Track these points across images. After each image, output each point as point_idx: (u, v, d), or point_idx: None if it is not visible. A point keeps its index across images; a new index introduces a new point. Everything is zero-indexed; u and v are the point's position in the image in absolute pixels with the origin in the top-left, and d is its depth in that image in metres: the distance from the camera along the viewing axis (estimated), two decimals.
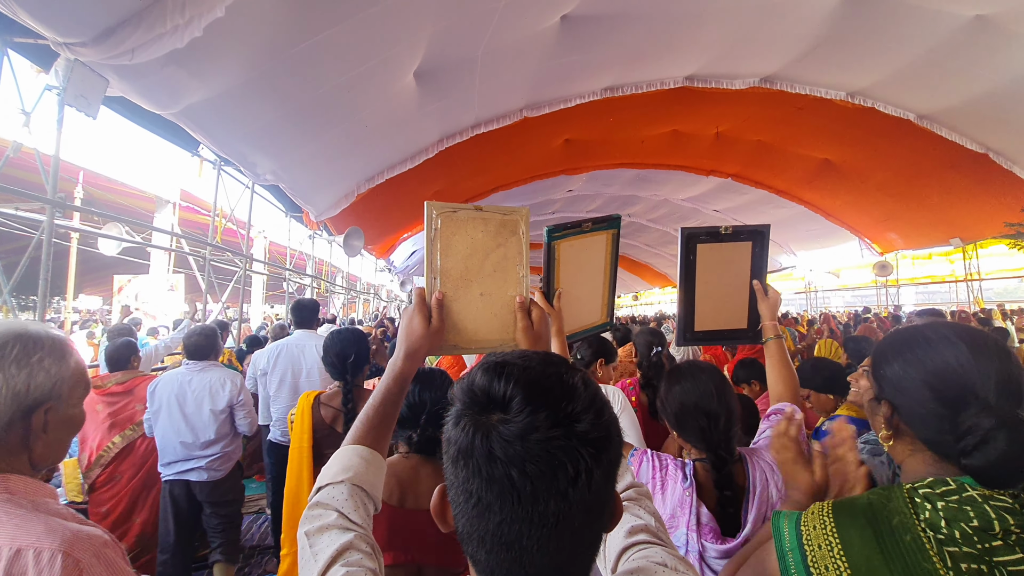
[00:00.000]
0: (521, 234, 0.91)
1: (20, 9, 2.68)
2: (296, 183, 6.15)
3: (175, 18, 2.96)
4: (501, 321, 0.90)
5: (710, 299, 1.36)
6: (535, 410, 0.48)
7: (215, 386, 2.77)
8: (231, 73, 3.84)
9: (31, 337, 0.81)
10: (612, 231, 1.15)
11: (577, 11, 5.03)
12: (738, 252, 1.34)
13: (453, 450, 0.51)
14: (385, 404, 0.83)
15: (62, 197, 3.40)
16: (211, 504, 2.78)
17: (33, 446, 0.81)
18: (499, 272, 0.90)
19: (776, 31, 5.86)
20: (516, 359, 0.55)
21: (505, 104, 6.80)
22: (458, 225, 0.88)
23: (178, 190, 7.12)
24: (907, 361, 0.81)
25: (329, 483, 0.75)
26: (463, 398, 0.54)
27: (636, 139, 9.15)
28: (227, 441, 2.81)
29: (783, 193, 11.24)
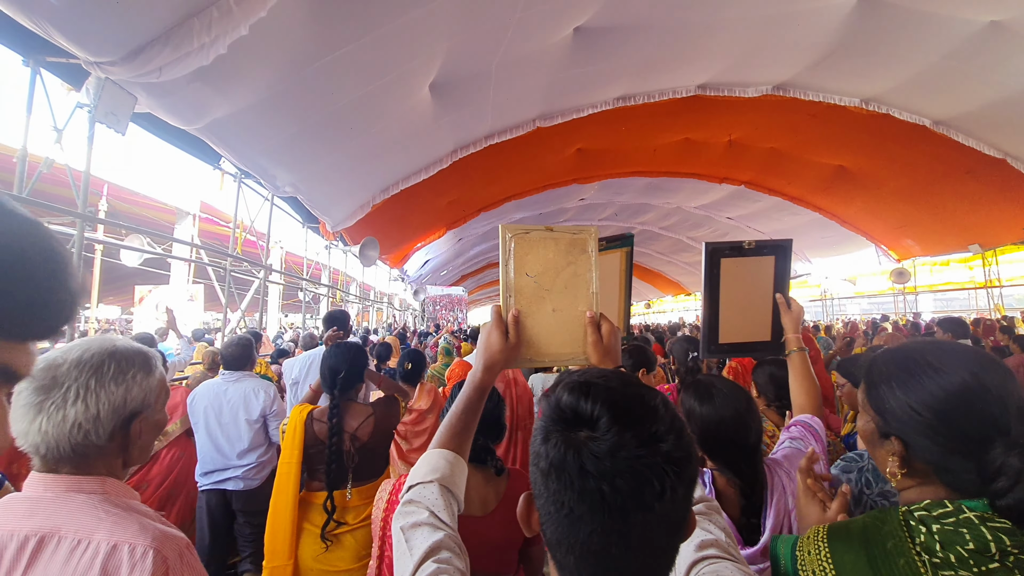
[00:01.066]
0: (590, 252, 0.94)
1: (54, 30, 2.78)
2: (314, 195, 6.25)
3: (202, 37, 3.05)
4: (572, 336, 0.95)
5: (734, 312, 1.38)
6: (622, 430, 0.52)
7: (249, 396, 2.81)
8: (253, 89, 3.94)
9: (123, 355, 0.87)
10: (626, 249, 1.19)
11: (590, 23, 5.09)
12: (761, 266, 1.37)
13: (544, 464, 0.54)
14: (466, 412, 0.89)
15: (91, 211, 3.50)
16: (245, 513, 2.80)
17: (129, 452, 0.89)
18: (570, 289, 0.94)
19: (789, 39, 5.87)
20: (597, 379, 0.58)
21: (519, 115, 6.88)
22: (531, 245, 0.93)
23: (198, 202, 7.27)
24: (912, 391, 0.75)
25: (420, 482, 0.80)
26: (551, 415, 0.57)
27: (648, 148, 9.18)
28: (262, 451, 2.83)
29: (797, 200, 11.18)
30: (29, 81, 3.28)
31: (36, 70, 3.28)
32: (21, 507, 0.79)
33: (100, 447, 0.84)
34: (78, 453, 0.82)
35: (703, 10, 5.17)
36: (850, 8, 5.21)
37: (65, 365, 0.82)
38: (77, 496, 0.81)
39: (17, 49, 3.23)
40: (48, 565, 0.75)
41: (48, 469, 0.82)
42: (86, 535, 0.77)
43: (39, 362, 0.82)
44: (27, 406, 0.80)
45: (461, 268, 18.44)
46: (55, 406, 0.80)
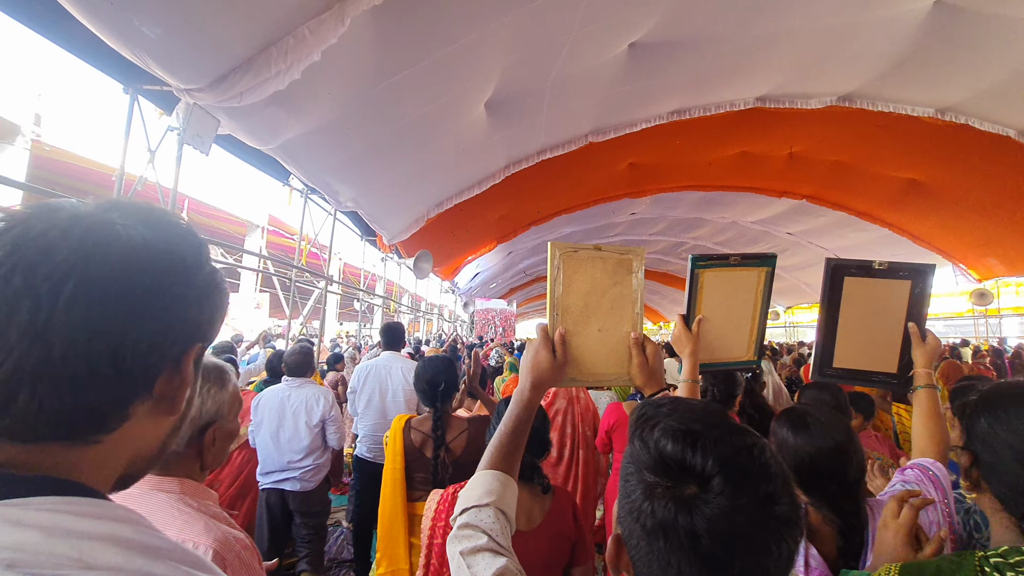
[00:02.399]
0: (635, 272, 0.95)
1: (151, 60, 3.07)
2: (372, 209, 6.51)
3: (278, 63, 3.28)
4: (617, 356, 0.94)
5: (854, 336, 1.30)
6: (737, 492, 0.50)
7: (310, 401, 2.95)
8: (323, 111, 4.17)
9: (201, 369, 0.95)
10: (766, 269, 1.14)
11: (645, 39, 5.08)
12: (894, 290, 1.27)
13: (650, 522, 0.52)
14: (515, 432, 0.88)
15: None
16: (302, 514, 2.93)
17: (204, 456, 0.98)
18: (616, 309, 0.94)
19: (855, 49, 5.63)
20: (699, 425, 0.56)
21: (571, 130, 6.92)
22: (579, 264, 0.93)
23: (267, 215, 7.72)
24: (997, 417, 0.78)
25: (475, 505, 0.79)
26: (652, 464, 0.55)
27: (703, 161, 8.98)
28: (318, 454, 2.97)
29: (864, 215, 10.58)
30: (128, 107, 3.62)
31: (134, 97, 3.61)
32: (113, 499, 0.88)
33: (179, 453, 0.92)
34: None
35: (764, 22, 5.05)
36: (923, 15, 4.95)
37: None
38: (158, 494, 0.90)
39: (118, 78, 3.57)
40: None
41: None
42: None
43: None
44: None
45: (510, 281, 18.56)
46: None
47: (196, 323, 0.48)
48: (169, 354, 0.46)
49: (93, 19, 2.67)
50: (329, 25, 3.21)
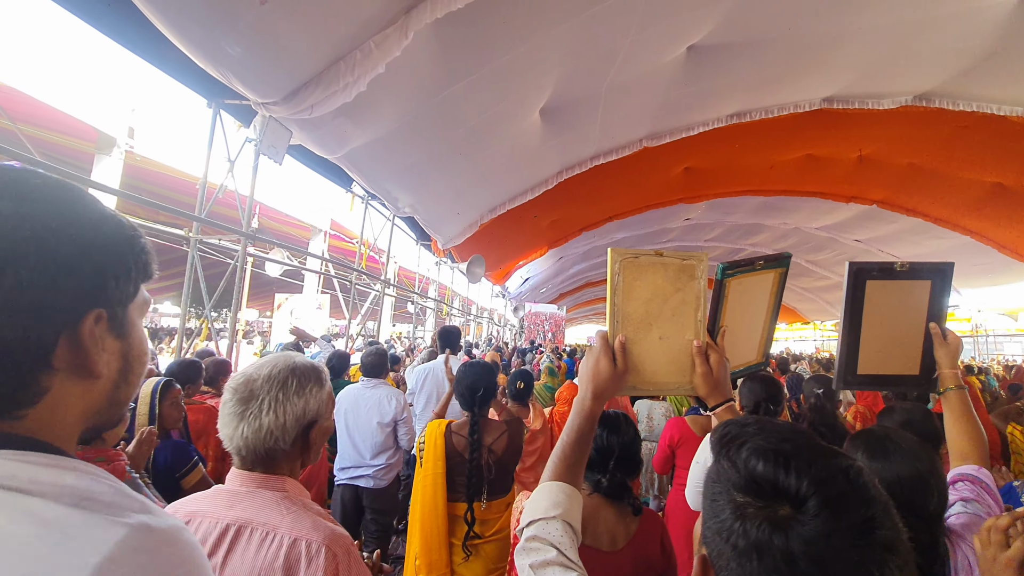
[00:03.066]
0: (699, 279, 0.93)
1: (233, 77, 3.31)
2: (429, 215, 6.70)
3: (346, 77, 3.45)
4: (679, 365, 0.92)
5: (878, 341, 1.26)
6: (835, 515, 0.49)
7: (383, 402, 3.07)
8: (386, 121, 4.35)
9: (301, 371, 1.01)
10: (781, 270, 1.11)
11: (705, 41, 4.97)
12: (914, 291, 1.24)
13: (742, 543, 0.52)
14: (578, 442, 0.88)
15: (253, 230, 4.05)
16: (373, 511, 3.04)
17: (307, 455, 1.03)
18: (678, 316, 0.92)
19: (934, 45, 5.28)
20: (789, 446, 0.55)
21: (625, 135, 6.85)
22: (640, 270, 0.92)
23: (329, 220, 8.10)
24: None
25: (542, 518, 0.79)
26: (740, 484, 0.55)
27: (764, 165, 8.64)
28: (390, 453, 3.08)
29: (941, 221, 9.83)
30: (211, 120, 3.91)
31: (217, 111, 3.90)
32: (225, 498, 0.94)
33: (285, 451, 0.97)
34: (269, 456, 0.95)
35: (833, 20, 4.83)
36: (1012, 7, 4.58)
37: (259, 380, 0.97)
38: (265, 492, 0.94)
39: (203, 93, 3.88)
40: (245, 550, 0.88)
41: (245, 467, 0.97)
42: (272, 528, 0.89)
43: (239, 376, 0.99)
44: (232, 415, 0.95)
45: (560, 286, 18.52)
46: (253, 415, 0.94)
47: (78, 290, 0.47)
48: (52, 328, 0.46)
49: (184, 40, 2.92)
50: (394, 39, 3.35)
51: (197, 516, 0.92)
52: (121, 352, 0.54)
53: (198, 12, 2.78)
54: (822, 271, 14.60)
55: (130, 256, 0.53)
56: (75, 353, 0.48)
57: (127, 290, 0.53)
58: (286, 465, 0.99)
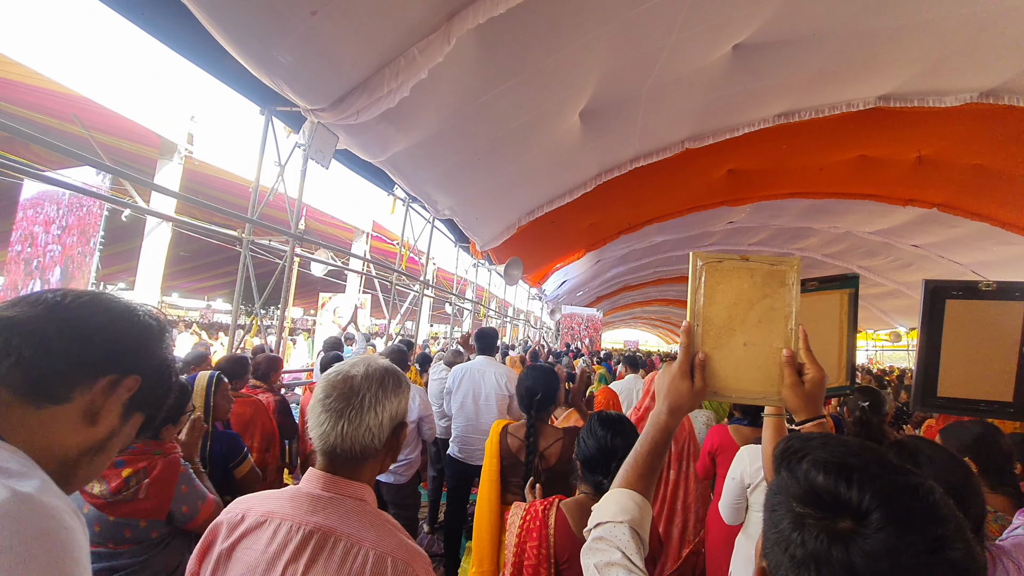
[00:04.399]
0: (791, 285, 0.89)
1: (285, 85, 3.46)
2: (468, 217, 6.78)
3: (390, 83, 3.54)
4: (765, 373, 0.90)
5: (960, 363, 1.20)
6: (902, 531, 0.48)
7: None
8: (427, 125, 4.44)
9: (393, 373, 1.01)
10: (848, 291, 1.07)
11: (751, 39, 4.84)
12: (1004, 312, 1.17)
13: (800, 552, 0.51)
14: (652, 454, 0.88)
15: (301, 232, 4.21)
16: (395, 506, 3.12)
17: (390, 456, 1.01)
18: (765, 323, 0.90)
19: (1001, 40, 4.95)
20: (854, 459, 0.55)
21: (667, 137, 6.74)
22: (723, 274, 0.91)
23: (371, 222, 8.32)
24: None
25: (610, 521, 0.80)
26: (801, 495, 0.54)
27: (813, 167, 8.32)
28: (410, 449, 3.16)
29: (1010, 226, 9.19)
30: (263, 126, 4.10)
31: (269, 117, 4.08)
32: (307, 502, 0.91)
33: (376, 451, 0.95)
34: (363, 455, 0.94)
35: (892, 14, 4.61)
36: None
37: (359, 377, 0.96)
38: (348, 500, 0.91)
39: (256, 101, 4.06)
40: (328, 561, 0.85)
41: (328, 468, 0.94)
42: (357, 540, 0.87)
43: (334, 374, 0.98)
44: (331, 411, 0.93)
45: (597, 290, 18.35)
46: (355, 412, 0.92)
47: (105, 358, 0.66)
48: (84, 372, 0.64)
49: (240, 50, 3.07)
50: (436, 45, 3.42)
51: (275, 517, 0.89)
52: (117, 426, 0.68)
53: (253, 24, 2.92)
54: (876, 277, 13.91)
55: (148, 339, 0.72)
56: (84, 397, 0.64)
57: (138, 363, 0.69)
58: (370, 470, 0.97)
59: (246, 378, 2.85)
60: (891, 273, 13.53)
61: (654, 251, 13.31)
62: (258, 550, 0.87)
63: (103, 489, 1.49)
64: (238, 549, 0.88)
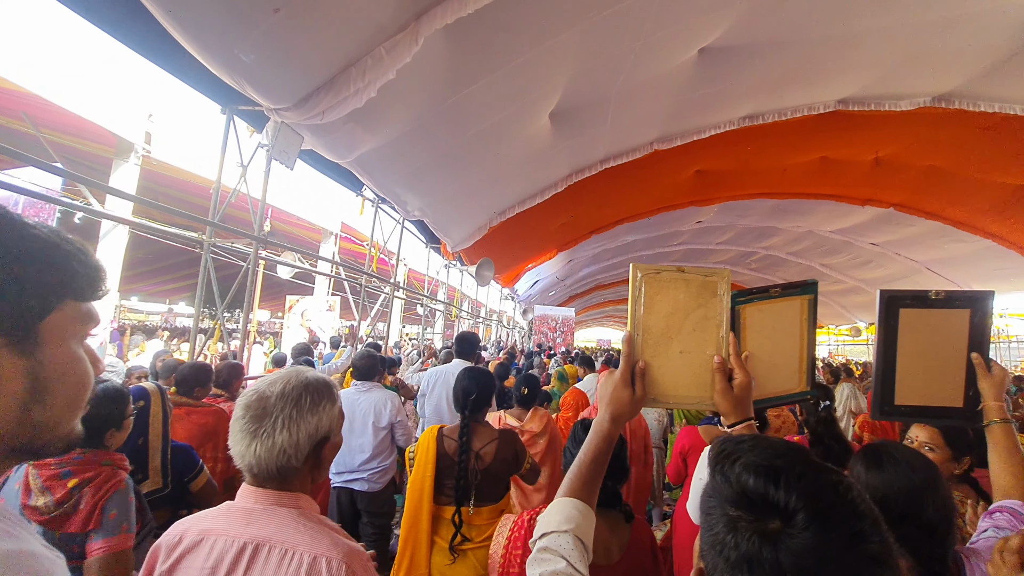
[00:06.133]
0: (721, 295, 0.93)
1: (247, 84, 3.35)
2: (438, 218, 6.73)
3: (357, 83, 3.48)
4: (700, 379, 0.93)
5: (915, 371, 1.24)
6: (824, 528, 0.50)
7: (379, 405, 3.08)
8: (395, 126, 4.38)
9: (315, 387, 1.00)
10: (807, 296, 1.11)
11: (717, 43, 4.94)
12: (953, 320, 1.22)
13: (733, 555, 0.53)
14: (595, 461, 0.90)
15: (263, 234, 4.10)
16: (369, 513, 3.06)
17: (318, 471, 1.02)
18: (699, 331, 0.93)
19: (954, 46, 5.19)
20: (780, 461, 0.56)
21: (636, 138, 6.83)
22: (661, 285, 0.93)
23: (339, 223, 8.18)
24: None
25: (554, 531, 0.81)
26: (733, 498, 0.56)
27: (777, 168, 8.56)
28: (384, 456, 3.09)
29: (962, 225, 9.66)
30: (224, 126, 3.97)
31: (230, 117, 3.96)
32: (241, 515, 0.93)
33: (297, 468, 0.95)
34: (281, 474, 0.94)
35: (850, 21, 4.76)
36: None
37: (273, 397, 0.96)
38: (280, 510, 0.93)
39: (218, 100, 3.93)
40: (263, 569, 0.87)
41: (257, 484, 0.96)
42: (291, 546, 0.89)
43: (251, 393, 0.98)
44: (244, 432, 0.94)
45: (570, 289, 18.48)
46: (266, 433, 0.93)
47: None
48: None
49: (200, 48, 2.97)
50: (404, 45, 3.38)
51: (211, 534, 0.91)
52: (28, 371, 0.52)
53: (214, 21, 2.82)
54: (836, 275, 14.41)
55: (39, 271, 0.53)
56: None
57: (29, 306, 0.52)
58: (298, 482, 0.97)
59: (209, 386, 2.76)
60: (851, 270, 14.03)
61: (625, 250, 13.48)
62: (196, 568, 0.89)
63: (47, 501, 1.43)
64: (177, 570, 0.90)
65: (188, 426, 2.46)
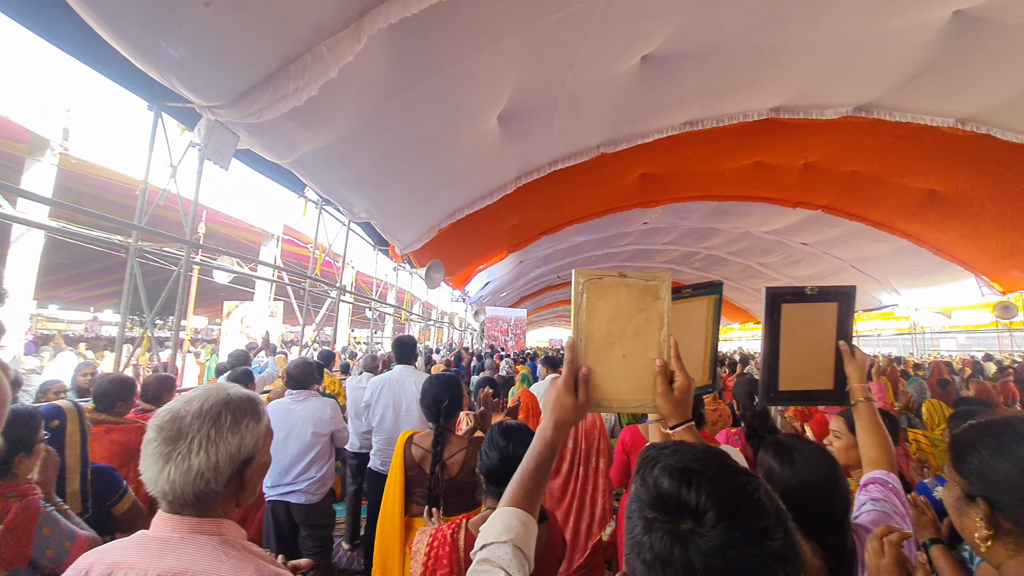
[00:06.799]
0: (662, 299, 0.94)
1: (176, 80, 3.17)
2: (386, 220, 6.60)
3: (296, 80, 3.35)
4: (642, 382, 0.94)
5: (795, 359, 1.33)
6: (731, 527, 0.52)
7: (316, 414, 2.97)
8: (338, 125, 4.26)
9: (237, 405, 0.94)
10: (714, 296, 1.17)
11: (658, 51, 5.10)
12: (824, 313, 1.32)
13: (649, 556, 0.55)
14: (538, 469, 0.89)
15: (195, 238, 3.89)
16: (307, 527, 2.94)
17: (242, 494, 0.95)
18: (641, 335, 0.94)
19: (873, 59, 5.60)
20: (696, 464, 0.58)
21: (583, 142, 6.95)
22: (603, 291, 0.94)
23: (282, 225, 7.86)
24: (1002, 455, 0.78)
25: (494, 542, 0.81)
26: (650, 501, 0.58)
27: (716, 171, 8.95)
28: (320, 464, 2.98)
29: (881, 225, 10.45)
30: (152, 123, 3.74)
31: (158, 114, 3.73)
32: (153, 546, 0.86)
33: (218, 492, 0.89)
34: (199, 499, 0.88)
35: (779, 34, 5.04)
36: (943, 25, 4.91)
37: (188, 417, 0.89)
38: (200, 538, 0.86)
39: (144, 96, 3.70)
40: None
41: (173, 511, 0.88)
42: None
43: (165, 412, 0.90)
44: (156, 456, 0.86)
45: (521, 290, 18.59)
46: (181, 457, 0.86)
47: None
48: None
49: (122, 41, 2.78)
50: (346, 43, 3.29)
51: (120, 567, 0.83)
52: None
53: (136, 12, 2.64)
54: (772, 273, 15.21)
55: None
56: None
57: None
58: (219, 507, 0.91)
59: (132, 400, 2.58)
60: (784, 268, 14.85)
61: (575, 251, 13.71)
62: None
63: None
64: None
65: (108, 445, 2.30)
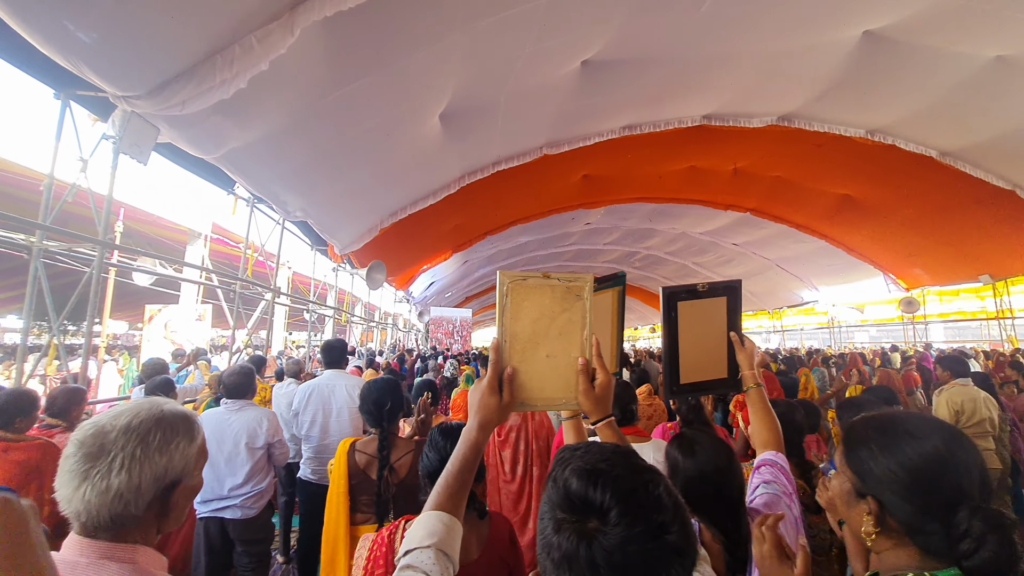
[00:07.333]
0: (585, 299, 0.96)
1: (85, 67, 2.91)
2: (323, 219, 6.37)
3: (223, 72, 3.17)
4: (566, 381, 0.96)
5: (692, 353, 1.40)
6: (631, 523, 0.54)
7: (252, 425, 2.81)
8: (270, 120, 4.06)
9: (169, 423, 0.87)
10: (617, 288, 1.22)
11: (597, 56, 5.23)
12: (715, 307, 1.40)
13: (557, 555, 0.57)
14: (463, 472, 0.89)
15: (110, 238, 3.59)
16: (243, 543, 2.78)
17: (165, 519, 0.87)
18: (564, 335, 0.96)
19: (794, 72, 5.99)
20: (603, 464, 0.61)
21: (526, 143, 7.01)
22: (527, 291, 0.95)
23: (210, 223, 7.40)
24: (892, 454, 0.80)
25: (417, 547, 0.81)
26: (560, 502, 0.60)
27: (654, 175, 9.29)
28: (259, 478, 2.83)
29: (803, 227, 11.24)
30: (59, 113, 3.42)
31: (66, 103, 3.42)
32: (62, 571, 0.77)
33: (137, 517, 0.82)
34: (116, 522, 0.81)
35: (711, 45, 5.30)
36: (854, 43, 5.32)
37: (114, 432, 0.82)
38: (110, 564, 0.80)
39: (49, 83, 3.37)
40: None
41: (86, 534, 0.82)
42: None
43: (89, 426, 0.83)
44: (72, 473, 0.79)
45: (466, 290, 18.52)
46: (100, 475, 0.79)
47: None
48: None
49: (24, 24, 2.53)
50: (278, 35, 3.14)
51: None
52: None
53: None
54: (706, 272, 15.97)
55: None
56: None
57: None
58: (138, 533, 0.84)
59: (34, 415, 2.35)
60: (717, 268, 15.64)
61: (519, 251, 13.82)
62: None
63: None
64: None
65: (5, 464, 2.08)
